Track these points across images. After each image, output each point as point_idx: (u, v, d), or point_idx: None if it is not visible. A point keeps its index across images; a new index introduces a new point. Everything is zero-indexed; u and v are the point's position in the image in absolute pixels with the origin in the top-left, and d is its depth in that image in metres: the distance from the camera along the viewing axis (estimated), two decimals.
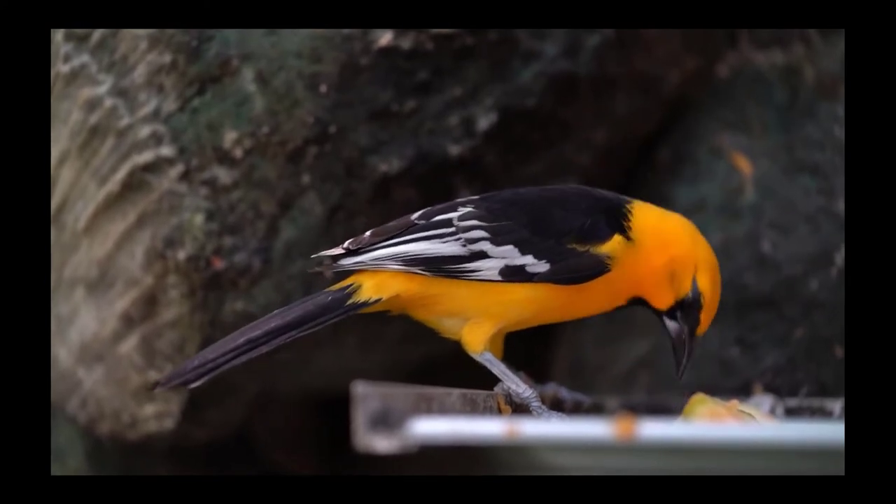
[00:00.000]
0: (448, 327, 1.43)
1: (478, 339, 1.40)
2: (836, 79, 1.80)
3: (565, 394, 1.57)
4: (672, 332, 1.45)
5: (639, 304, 1.45)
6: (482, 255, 1.39)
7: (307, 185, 1.66)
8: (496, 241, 1.40)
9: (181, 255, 1.65)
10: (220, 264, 1.66)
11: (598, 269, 1.38)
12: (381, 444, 1.14)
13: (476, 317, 1.40)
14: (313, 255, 1.48)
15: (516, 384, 1.41)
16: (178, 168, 1.64)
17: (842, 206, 1.74)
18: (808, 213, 1.76)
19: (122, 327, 1.70)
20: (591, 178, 1.72)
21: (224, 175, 1.65)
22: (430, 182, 1.68)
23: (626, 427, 1.13)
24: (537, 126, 1.72)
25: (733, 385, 1.73)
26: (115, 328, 1.71)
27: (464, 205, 1.44)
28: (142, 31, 1.64)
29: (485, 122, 1.68)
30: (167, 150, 1.64)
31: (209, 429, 1.79)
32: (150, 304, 1.68)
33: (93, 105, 1.67)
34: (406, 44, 1.64)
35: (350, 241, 1.44)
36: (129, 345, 1.70)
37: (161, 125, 1.64)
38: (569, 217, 1.40)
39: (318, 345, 1.74)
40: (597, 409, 1.61)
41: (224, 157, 1.64)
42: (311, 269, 1.51)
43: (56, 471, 1.88)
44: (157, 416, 1.72)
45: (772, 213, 1.77)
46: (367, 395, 1.14)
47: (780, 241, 1.76)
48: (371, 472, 1.93)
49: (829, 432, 1.15)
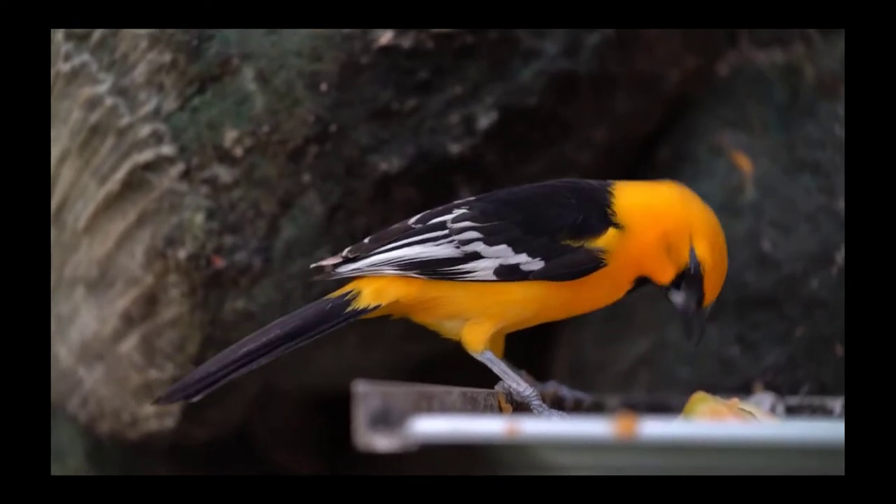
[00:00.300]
0: (449, 329, 1.43)
1: (478, 338, 1.40)
2: (837, 78, 1.80)
3: (566, 392, 1.57)
4: (678, 306, 1.43)
5: (645, 284, 1.43)
6: (476, 256, 1.40)
7: (307, 184, 1.66)
8: (489, 241, 1.40)
9: (181, 254, 1.65)
10: (220, 263, 1.66)
11: (594, 263, 1.38)
12: (382, 442, 1.14)
13: (476, 317, 1.41)
14: (312, 265, 1.48)
15: (517, 383, 1.41)
16: (179, 167, 1.64)
17: (842, 204, 1.74)
18: (809, 212, 1.76)
19: (123, 326, 1.70)
20: (592, 177, 1.71)
21: (224, 174, 1.65)
22: (430, 181, 1.68)
23: (626, 425, 1.13)
24: (538, 125, 1.71)
25: (734, 383, 1.73)
26: (115, 327, 1.71)
27: (459, 206, 1.44)
28: (142, 30, 1.64)
29: (485, 121, 1.68)
30: (167, 149, 1.64)
31: (209, 428, 1.79)
32: (150, 303, 1.68)
33: (93, 104, 1.67)
34: (406, 43, 1.64)
35: (349, 248, 1.44)
36: (130, 344, 1.70)
37: (161, 124, 1.64)
38: (561, 213, 1.40)
39: (318, 344, 1.74)
40: (597, 408, 1.61)
41: (224, 156, 1.64)
42: (310, 279, 1.51)
43: (56, 470, 1.88)
44: (158, 415, 1.72)
45: (772, 212, 1.77)
46: (367, 394, 1.14)
47: (780, 240, 1.76)
48: (372, 471, 1.93)
49: (830, 431, 1.15)
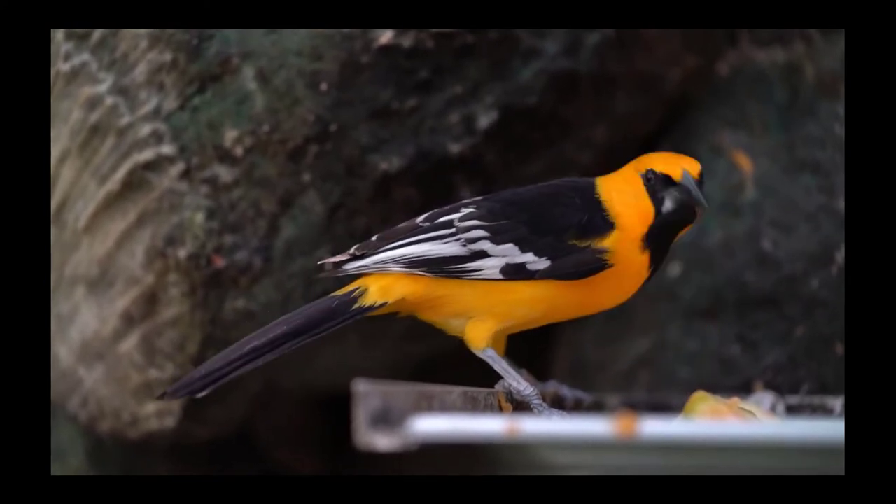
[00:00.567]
0: (455, 327, 1.43)
1: (480, 335, 1.40)
2: (837, 77, 1.80)
3: (566, 391, 1.57)
4: (680, 201, 1.39)
5: (662, 250, 1.42)
6: (483, 255, 1.40)
7: (308, 184, 1.66)
8: (496, 239, 1.40)
9: (182, 253, 1.65)
10: (220, 263, 1.66)
11: (600, 263, 1.38)
12: (382, 442, 1.14)
13: (481, 315, 1.41)
14: (319, 262, 1.48)
15: (517, 381, 1.41)
16: (179, 166, 1.64)
17: (842, 204, 1.74)
18: (809, 212, 1.76)
19: (123, 326, 1.70)
20: (592, 177, 1.72)
21: (225, 173, 1.65)
22: (430, 180, 1.68)
23: (626, 424, 1.14)
24: (538, 124, 1.72)
25: (734, 383, 1.73)
26: (115, 327, 1.71)
27: (467, 206, 1.44)
28: (142, 30, 1.64)
29: (485, 121, 1.68)
30: (168, 149, 1.64)
31: (211, 427, 1.79)
32: (150, 302, 1.68)
33: (93, 103, 1.67)
34: (406, 42, 1.64)
35: (357, 246, 1.44)
36: (130, 343, 1.70)
37: (161, 123, 1.64)
38: (566, 213, 1.40)
39: (320, 343, 1.74)
40: (597, 407, 1.61)
41: (225, 156, 1.64)
42: (317, 275, 1.51)
43: (57, 470, 1.88)
44: (158, 414, 1.72)
45: (772, 212, 1.77)
46: (367, 393, 1.14)
47: (780, 240, 1.76)
48: (373, 470, 1.93)
49: (830, 430, 1.15)
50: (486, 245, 1.40)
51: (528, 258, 1.39)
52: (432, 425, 1.15)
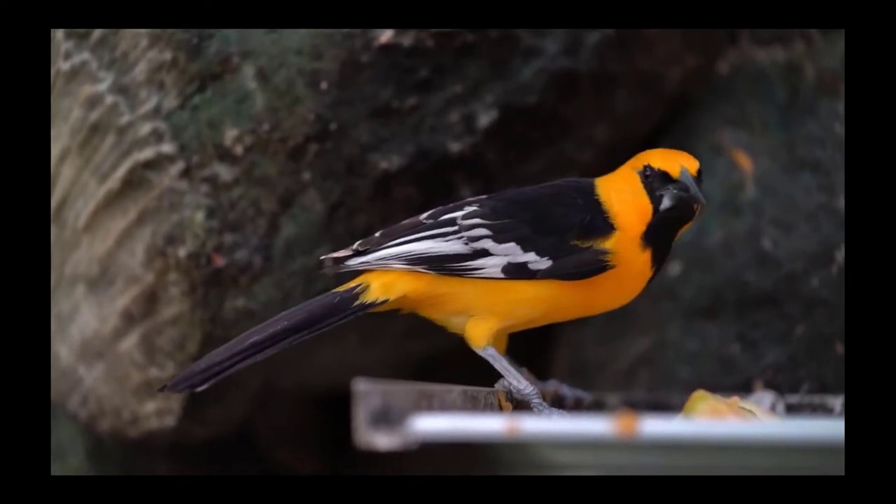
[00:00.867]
0: (456, 325, 1.43)
1: (481, 333, 1.40)
2: (837, 76, 1.80)
3: (566, 391, 1.57)
4: (679, 199, 1.38)
5: (664, 249, 1.42)
6: (485, 253, 1.40)
7: (308, 183, 1.66)
8: (498, 238, 1.40)
9: (182, 252, 1.65)
10: (220, 261, 1.66)
11: (601, 264, 1.38)
12: (382, 441, 1.14)
13: (482, 314, 1.41)
14: (322, 257, 1.48)
15: (517, 380, 1.41)
16: (179, 165, 1.64)
17: (842, 203, 1.74)
18: (809, 211, 1.76)
19: (123, 325, 1.70)
20: (592, 176, 1.71)
21: (225, 172, 1.65)
22: (430, 179, 1.68)
23: (627, 424, 1.14)
24: (538, 123, 1.72)
25: (734, 382, 1.73)
26: (115, 325, 1.71)
27: (470, 204, 1.44)
28: (142, 29, 1.64)
29: (485, 120, 1.68)
30: (168, 148, 1.64)
31: (210, 426, 1.79)
32: (150, 301, 1.68)
33: (93, 102, 1.67)
34: (407, 41, 1.64)
35: (359, 241, 1.44)
36: (130, 342, 1.70)
37: (162, 122, 1.64)
38: (569, 213, 1.40)
39: (319, 341, 1.73)
40: (598, 406, 1.61)
41: (225, 155, 1.64)
42: (318, 271, 1.51)
43: (57, 468, 1.88)
44: (158, 413, 1.72)
45: (772, 211, 1.77)
46: (367, 392, 1.14)
47: (780, 239, 1.76)
48: (373, 470, 1.93)
49: (830, 429, 1.15)
50: (488, 244, 1.40)
51: (530, 258, 1.39)
52: (432, 424, 1.15)
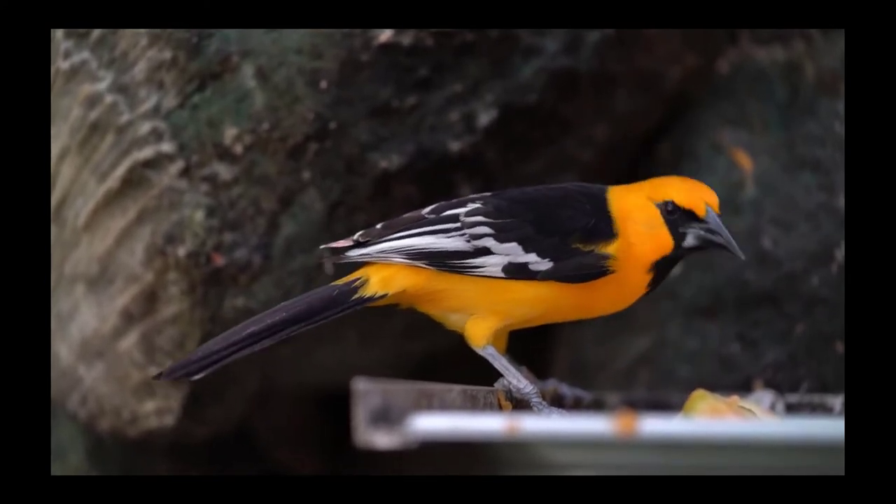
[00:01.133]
0: (454, 322, 1.43)
1: (481, 333, 1.40)
2: (837, 75, 1.80)
3: (566, 390, 1.57)
4: (703, 240, 1.40)
5: (667, 272, 1.42)
6: (486, 252, 1.40)
7: (307, 182, 1.66)
8: (500, 237, 1.40)
9: (181, 251, 1.65)
10: (220, 260, 1.66)
11: (602, 268, 1.38)
12: (382, 440, 1.14)
13: (481, 312, 1.41)
14: (322, 246, 1.48)
15: (517, 379, 1.41)
16: (179, 164, 1.64)
17: (842, 202, 1.74)
18: (809, 210, 1.76)
19: (123, 324, 1.70)
20: (592, 175, 1.72)
21: (224, 171, 1.65)
22: (430, 178, 1.68)
23: (626, 423, 1.13)
24: (538, 123, 1.71)
25: (734, 381, 1.73)
26: (115, 325, 1.71)
27: (474, 201, 1.44)
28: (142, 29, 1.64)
29: (485, 119, 1.68)
30: (167, 147, 1.64)
31: (210, 426, 1.79)
32: (150, 300, 1.68)
33: (93, 101, 1.67)
34: (406, 40, 1.64)
35: (361, 233, 1.44)
36: (130, 341, 1.70)
37: (161, 121, 1.64)
38: (574, 216, 1.40)
39: (318, 340, 1.74)
40: (597, 406, 1.61)
41: (224, 154, 1.64)
42: (318, 259, 1.51)
43: (57, 468, 1.88)
44: (158, 412, 1.72)
45: (772, 210, 1.77)
46: (367, 392, 1.14)
47: (780, 238, 1.76)
48: (374, 470, 1.93)
49: (830, 428, 1.15)
50: (489, 242, 1.40)
51: (531, 258, 1.39)
52: (432, 424, 1.15)
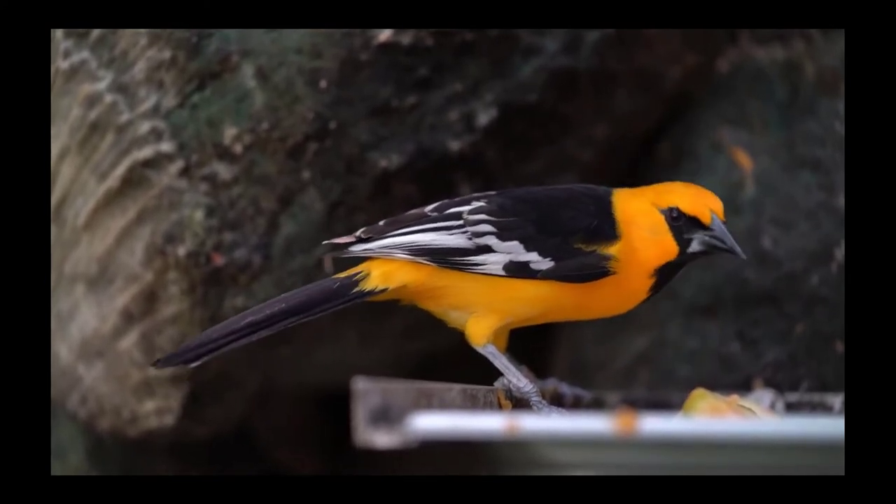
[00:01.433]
0: (454, 319, 1.43)
1: (481, 331, 1.40)
2: (837, 75, 1.80)
3: (565, 389, 1.57)
4: (709, 245, 1.40)
5: (670, 277, 1.42)
6: (487, 250, 1.40)
7: (307, 181, 1.66)
8: (502, 236, 1.40)
9: (181, 251, 1.65)
10: (220, 260, 1.66)
11: (602, 268, 1.38)
12: (382, 439, 1.14)
13: (482, 310, 1.41)
14: (325, 241, 1.48)
15: (517, 378, 1.41)
16: (178, 164, 1.64)
17: (842, 201, 1.74)
18: (809, 209, 1.76)
19: (123, 323, 1.70)
20: (592, 174, 1.72)
21: (224, 171, 1.65)
22: (430, 178, 1.68)
23: (626, 422, 1.13)
24: (538, 122, 1.71)
25: (734, 380, 1.73)
26: (115, 324, 1.71)
27: (478, 199, 1.44)
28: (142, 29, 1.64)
29: (485, 118, 1.68)
30: (167, 146, 1.64)
31: (209, 425, 1.79)
32: (150, 300, 1.68)
33: (93, 101, 1.67)
34: (406, 39, 1.64)
35: (364, 229, 1.44)
36: (130, 341, 1.70)
37: (161, 121, 1.64)
38: (577, 217, 1.40)
39: (318, 340, 1.74)
40: (597, 405, 1.61)
41: (224, 153, 1.64)
42: (320, 255, 1.51)
43: (57, 467, 1.88)
44: (158, 412, 1.72)
45: (772, 209, 1.77)
46: (367, 391, 1.14)
47: (780, 237, 1.76)
48: (374, 469, 1.93)
49: (830, 427, 1.15)
50: (491, 240, 1.40)
51: (532, 257, 1.39)
52: (432, 423, 1.15)
